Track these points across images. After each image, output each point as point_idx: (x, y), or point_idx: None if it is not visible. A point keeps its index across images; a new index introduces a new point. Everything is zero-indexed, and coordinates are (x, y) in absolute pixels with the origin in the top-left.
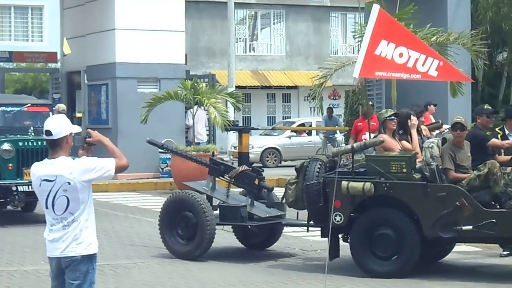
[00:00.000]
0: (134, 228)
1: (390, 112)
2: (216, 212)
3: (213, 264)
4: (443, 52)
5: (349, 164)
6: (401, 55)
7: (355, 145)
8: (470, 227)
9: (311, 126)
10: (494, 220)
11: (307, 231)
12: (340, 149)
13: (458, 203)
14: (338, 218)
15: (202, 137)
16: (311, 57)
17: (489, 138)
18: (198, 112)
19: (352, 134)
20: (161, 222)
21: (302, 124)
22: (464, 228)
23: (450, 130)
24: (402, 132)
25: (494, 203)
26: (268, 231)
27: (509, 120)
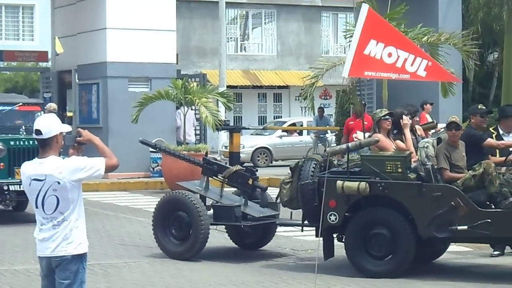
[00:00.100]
0: (125, 228)
1: (385, 112)
2: (210, 212)
3: (204, 264)
4: (434, 52)
5: (343, 163)
6: (390, 55)
7: (351, 144)
8: (465, 227)
9: (302, 126)
10: (489, 220)
11: (302, 230)
12: (336, 148)
13: (453, 203)
14: (333, 218)
15: (191, 137)
16: (302, 57)
17: (484, 138)
18: (188, 112)
19: (344, 133)
20: (154, 222)
21: (293, 124)
22: (459, 228)
23: (445, 130)
24: (396, 131)
25: (489, 203)
26: (262, 231)
27: (503, 120)
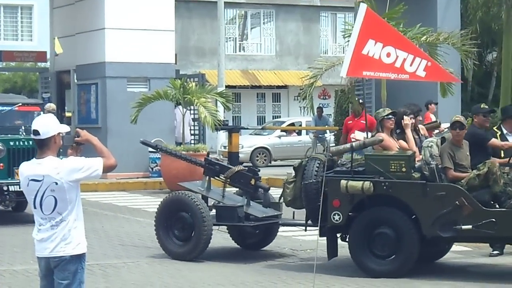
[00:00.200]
0: (124, 228)
1: (388, 111)
2: (212, 212)
3: (203, 264)
4: (433, 52)
5: (346, 163)
6: (388, 54)
7: (354, 144)
8: (470, 227)
9: (301, 125)
10: (494, 220)
11: (305, 230)
12: (340, 148)
13: (457, 202)
14: (336, 217)
15: (187, 137)
16: (301, 56)
17: (489, 138)
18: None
19: (343, 132)
20: (157, 223)
21: (292, 124)
22: (463, 227)
23: (449, 129)
24: (399, 131)
25: (493, 202)
26: (264, 231)
27: (508, 119)
